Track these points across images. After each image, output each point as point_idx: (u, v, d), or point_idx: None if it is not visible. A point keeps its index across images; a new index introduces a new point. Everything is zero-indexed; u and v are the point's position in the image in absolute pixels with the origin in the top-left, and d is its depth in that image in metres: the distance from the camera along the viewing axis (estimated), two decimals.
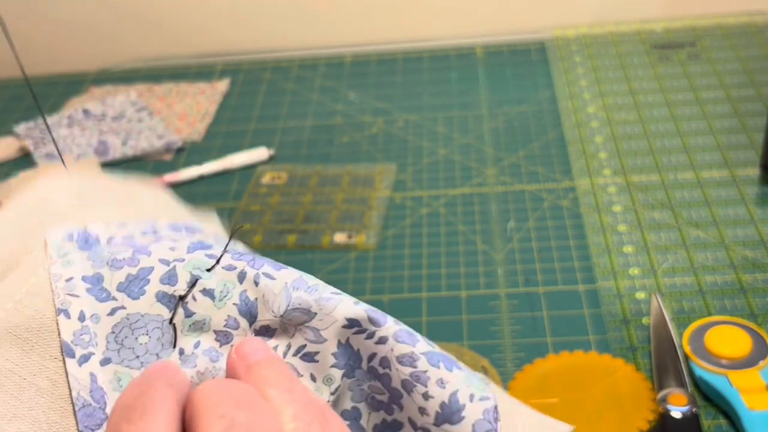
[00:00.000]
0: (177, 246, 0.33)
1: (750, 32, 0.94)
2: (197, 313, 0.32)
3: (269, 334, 0.33)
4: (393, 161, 0.80)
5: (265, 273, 0.33)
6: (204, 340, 0.32)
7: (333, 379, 0.33)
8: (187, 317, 0.32)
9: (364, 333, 0.33)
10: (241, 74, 0.99)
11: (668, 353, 0.55)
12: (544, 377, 0.55)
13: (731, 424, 0.52)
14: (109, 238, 0.33)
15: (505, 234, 0.70)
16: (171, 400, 0.27)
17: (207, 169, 0.82)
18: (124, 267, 0.32)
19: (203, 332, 0.32)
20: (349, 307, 0.32)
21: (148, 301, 0.31)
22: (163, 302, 0.32)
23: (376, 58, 0.99)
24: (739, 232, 0.66)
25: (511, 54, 0.97)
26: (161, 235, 0.34)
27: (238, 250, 0.34)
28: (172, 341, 0.31)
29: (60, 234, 0.33)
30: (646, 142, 0.78)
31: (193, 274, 0.32)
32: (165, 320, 0.32)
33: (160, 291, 0.32)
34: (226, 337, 0.32)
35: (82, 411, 0.29)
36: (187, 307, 0.32)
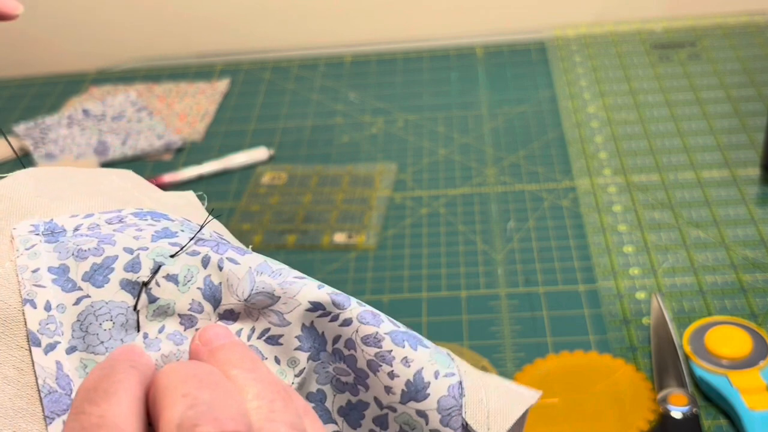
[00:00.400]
0: (141, 235, 0.34)
1: (750, 32, 0.94)
2: (161, 299, 0.32)
3: (233, 317, 0.33)
4: (393, 161, 0.80)
5: (229, 258, 0.33)
6: (168, 325, 0.33)
7: (298, 361, 0.33)
8: (151, 303, 0.32)
9: (328, 316, 0.33)
10: (241, 74, 0.99)
11: (668, 353, 0.55)
12: (544, 377, 0.55)
13: (731, 424, 0.52)
14: (75, 228, 0.33)
15: (505, 234, 0.70)
16: (134, 381, 0.28)
17: (207, 169, 0.81)
18: (89, 257, 0.32)
19: (167, 316, 0.33)
20: (312, 291, 0.33)
21: (112, 289, 0.32)
22: (127, 289, 0.32)
23: (376, 58, 0.99)
24: (740, 232, 0.66)
25: (511, 54, 0.97)
26: (127, 223, 0.34)
27: (204, 236, 0.34)
28: (135, 326, 0.32)
29: (26, 227, 0.33)
30: (646, 142, 0.78)
31: (156, 261, 0.33)
32: (129, 307, 0.32)
33: (124, 279, 0.32)
34: (191, 321, 0.33)
35: (48, 397, 0.30)
36: (151, 293, 0.32)
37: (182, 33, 1.05)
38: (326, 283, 0.34)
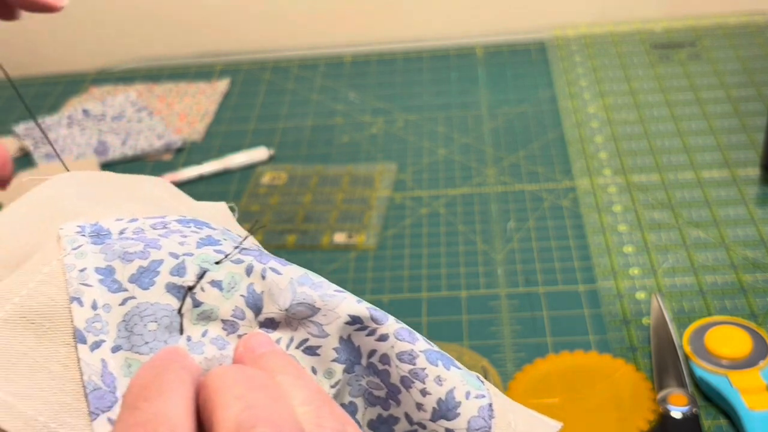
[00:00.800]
0: (186, 241, 0.34)
1: (750, 32, 0.94)
2: (205, 303, 0.33)
3: (273, 326, 0.34)
4: (393, 161, 0.80)
5: (271, 268, 0.34)
6: (211, 329, 0.33)
7: (333, 373, 0.34)
8: (195, 307, 0.33)
9: (365, 330, 0.34)
10: (241, 74, 0.99)
11: (668, 353, 0.55)
12: (544, 377, 0.55)
13: (731, 424, 0.52)
14: (120, 231, 0.34)
15: (505, 234, 0.70)
16: (186, 381, 0.28)
17: (207, 169, 0.82)
18: (135, 260, 0.33)
19: (210, 321, 0.33)
20: (352, 305, 0.33)
21: (157, 292, 0.33)
22: (173, 293, 0.33)
23: (376, 58, 0.99)
24: (740, 232, 0.66)
25: (511, 54, 0.97)
26: (171, 229, 0.35)
27: (246, 245, 0.35)
28: (179, 329, 0.32)
29: (73, 228, 0.34)
30: (646, 142, 0.78)
31: (202, 267, 0.33)
32: (174, 309, 0.33)
33: (170, 282, 0.33)
34: (233, 327, 0.33)
35: (93, 394, 0.30)
36: (196, 297, 0.33)
37: (182, 33, 1.05)
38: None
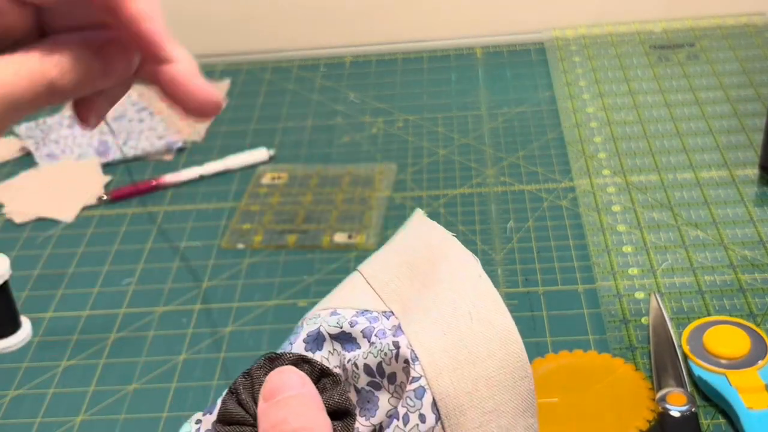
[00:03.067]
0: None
1: (749, 33, 0.94)
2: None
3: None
4: (393, 161, 0.81)
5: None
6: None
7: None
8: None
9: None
10: (241, 74, 0.99)
11: (667, 353, 0.55)
12: (543, 377, 0.55)
13: (730, 423, 0.52)
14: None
15: (504, 234, 0.70)
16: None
17: (207, 169, 0.82)
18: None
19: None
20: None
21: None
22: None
23: (376, 58, 0.99)
24: (738, 232, 0.67)
25: (510, 54, 0.97)
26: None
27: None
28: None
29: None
30: (645, 142, 0.78)
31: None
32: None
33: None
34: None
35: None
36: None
37: (182, 33, 1.05)
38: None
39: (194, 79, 0.33)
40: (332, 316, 0.36)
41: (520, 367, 0.34)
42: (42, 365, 0.63)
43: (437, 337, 0.34)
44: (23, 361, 0.64)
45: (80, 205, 0.79)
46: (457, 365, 0.33)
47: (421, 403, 0.33)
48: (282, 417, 0.31)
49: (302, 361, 0.34)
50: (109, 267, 0.72)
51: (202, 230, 0.75)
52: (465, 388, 0.33)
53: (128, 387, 0.61)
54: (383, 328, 0.35)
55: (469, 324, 0.34)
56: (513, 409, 0.33)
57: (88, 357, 0.64)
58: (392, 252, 0.39)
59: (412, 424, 0.33)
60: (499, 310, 0.35)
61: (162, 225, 0.76)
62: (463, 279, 0.36)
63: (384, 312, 0.36)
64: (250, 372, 0.34)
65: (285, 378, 0.33)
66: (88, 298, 0.69)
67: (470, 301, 0.35)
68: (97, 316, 0.67)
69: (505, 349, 0.34)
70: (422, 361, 0.33)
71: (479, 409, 0.33)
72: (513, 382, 0.33)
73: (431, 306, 0.35)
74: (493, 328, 0.34)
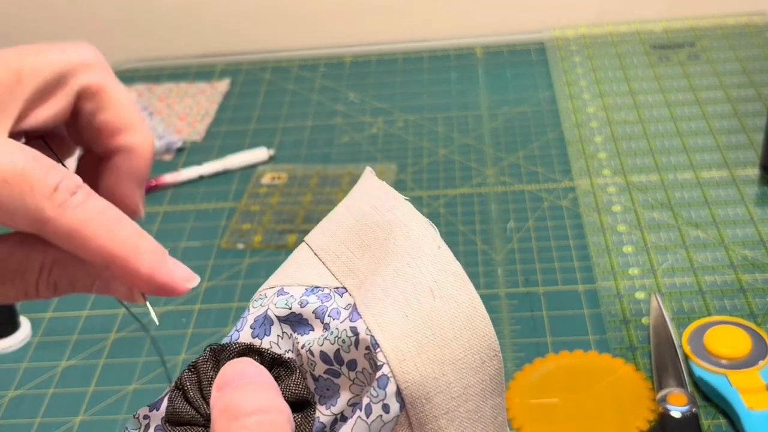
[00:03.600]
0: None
1: (749, 33, 0.94)
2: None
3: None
4: (393, 161, 0.80)
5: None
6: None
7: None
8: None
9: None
10: (241, 74, 0.99)
11: (668, 353, 0.55)
12: (544, 377, 0.55)
13: (731, 423, 0.52)
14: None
15: (504, 234, 0.70)
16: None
17: (207, 169, 0.82)
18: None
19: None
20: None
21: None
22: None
23: (376, 58, 0.99)
24: (739, 232, 0.66)
25: (511, 54, 0.97)
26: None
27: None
28: None
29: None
30: (645, 142, 0.78)
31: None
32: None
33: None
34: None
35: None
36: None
37: (182, 33, 1.05)
38: None
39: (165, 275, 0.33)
40: (280, 296, 0.34)
41: (488, 346, 0.31)
42: (41, 365, 0.63)
43: (399, 320, 0.31)
44: (23, 361, 0.64)
45: None
46: (422, 349, 0.31)
47: (384, 393, 0.30)
48: (236, 400, 0.29)
49: (250, 351, 0.32)
50: None
51: (201, 230, 0.75)
52: (431, 373, 0.30)
53: (128, 387, 0.61)
54: (337, 307, 0.33)
55: (431, 303, 0.31)
56: (481, 392, 0.31)
57: (88, 357, 0.63)
58: (341, 218, 0.36)
59: (375, 414, 0.31)
60: (463, 284, 0.32)
61: (162, 225, 0.76)
62: (422, 251, 0.33)
63: (336, 288, 0.34)
64: (196, 365, 0.32)
65: (239, 368, 0.31)
66: (87, 298, 0.69)
67: (431, 276, 0.32)
68: (97, 316, 0.67)
69: (472, 327, 0.31)
70: (384, 347, 0.31)
71: (446, 395, 0.31)
72: (481, 363, 0.31)
73: (390, 284, 0.32)
74: (458, 305, 0.32)
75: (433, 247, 0.33)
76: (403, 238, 0.34)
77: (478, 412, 0.31)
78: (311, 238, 0.37)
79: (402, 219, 0.34)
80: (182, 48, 1.05)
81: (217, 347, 0.32)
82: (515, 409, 0.53)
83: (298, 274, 0.35)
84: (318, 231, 0.37)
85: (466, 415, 0.31)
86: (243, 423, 0.28)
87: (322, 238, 0.36)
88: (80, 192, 0.30)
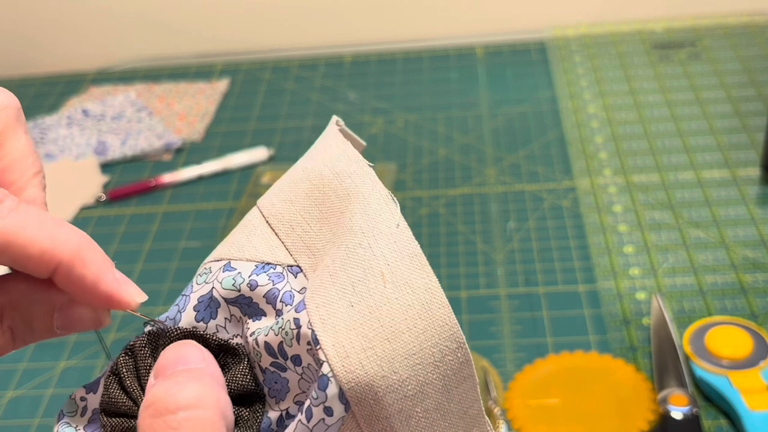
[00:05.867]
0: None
1: (750, 32, 0.94)
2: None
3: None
4: (393, 161, 0.80)
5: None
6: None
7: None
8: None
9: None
10: (241, 74, 0.99)
11: (669, 354, 0.55)
12: (544, 378, 0.55)
13: (732, 424, 0.52)
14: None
15: (505, 234, 0.70)
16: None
17: (207, 169, 0.81)
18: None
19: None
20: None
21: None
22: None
23: (376, 58, 0.99)
24: (740, 232, 0.66)
25: (511, 54, 0.96)
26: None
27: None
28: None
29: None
30: (646, 142, 0.78)
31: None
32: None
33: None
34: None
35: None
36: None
37: (182, 33, 1.05)
38: None
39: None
40: (226, 272, 0.30)
41: (448, 336, 0.27)
42: (41, 365, 0.63)
43: (343, 311, 0.27)
44: (22, 361, 0.64)
45: (78, 205, 0.79)
46: (368, 344, 0.27)
47: (324, 395, 0.27)
48: (164, 392, 0.26)
49: (192, 337, 0.29)
50: None
51: (201, 230, 0.75)
52: (379, 371, 0.26)
53: None
54: (290, 290, 0.29)
55: (381, 289, 0.27)
56: (443, 388, 0.27)
57: (87, 357, 0.63)
58: (298, 182, 0.32)
59: (317, 418, 0.27)
60: (420, 267, 0.28)
61: (161, 225, 0.76)
62: (378, 230, 0.29)
63: (290, 267, 0.30)
64: (133, 349, 0.30)
65: (179, 353, 0.28)
66: None
67: (384, 258, 0.28)
68: None
69: (428, 316, 0.27)
70: (324, 343, 0.27)
71: (398, 394, 0.27)
72: (441, 356, 0.27)
73: (339, 268, 0.28)
74: (412, 291, 0.27)
75: (390, 226, 0.29)
76: (360, 214, 0.29)
77: (440, 410, 0.27)
78: (264, 201, 0.32)
79: (361, 190, 0.30)
80: (182, 48, 1.05)
81: (155, 331, 0.30)
82: (516, 410, 0.53)
83: (248, 247, 0.31)
84: (272, 193, 0.32)
85: (424, 414, 0.27)
86: (167, 421, 0.25)
87: (276, 204, 0.32)
88: (8, 199, 0.28)
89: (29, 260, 0.28)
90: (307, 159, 0.33)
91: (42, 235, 0.27)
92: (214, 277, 0.30)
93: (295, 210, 0.31)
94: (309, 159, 0.33)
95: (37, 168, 0.31)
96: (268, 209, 0.31)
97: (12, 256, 0.27)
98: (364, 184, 0.30)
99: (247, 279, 0.29)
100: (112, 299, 0.29)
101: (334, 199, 0.30)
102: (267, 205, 0.32)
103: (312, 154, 0.33)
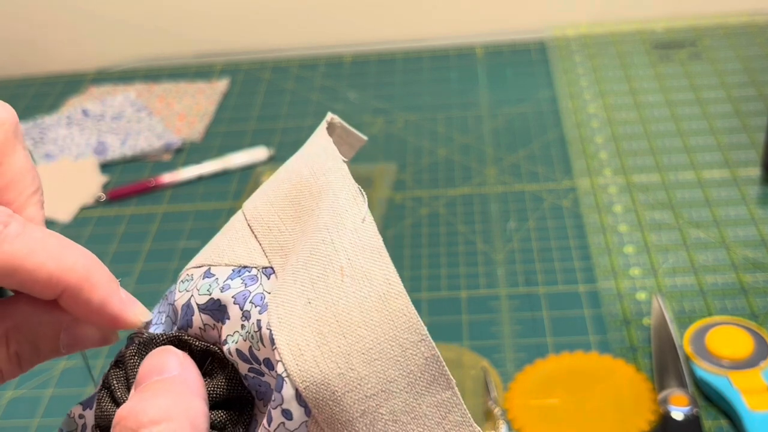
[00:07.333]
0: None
1: (751, 32, 0.94)
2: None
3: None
4: (393, 161, 0.80)
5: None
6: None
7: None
8: None
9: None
10: (241, 74, 0.99)
11: (669, 354, 0.55)
12: (544, 378, 0.55)
13: (732, 425, 0.52)
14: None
15: (505, 234, 0.70)
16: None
17: (206, 169, 0.81)
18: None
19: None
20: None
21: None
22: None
23: (376, 58, 0.99)
24: (740, 233, 0.66)
25: (511, 54, 0.96)
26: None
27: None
28: None
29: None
30: (646, 142, 0.78)
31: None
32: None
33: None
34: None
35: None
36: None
37: (182, 33, 1.05)
38: None
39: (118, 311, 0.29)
40: (205, 279, 0.29)
41: (406, 329, 0.26)
42: (40, 365, 0.63)
43: (300, 308, 0.26)
44: None
45: (78, 205, 0.79)
46: (323, 340, 0.25)
47: (281, 397, 0.25)
48: (135, 405, 0.26)
49: (179, 342, 0.29)
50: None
51: (201, 230, 0.74)
52: (334, 369, 0.25)
53: None
54: (261, 292, 0.28)
55: (339, 284, 0.26)
56: (409, 386, 0.26)
57: (86, 358, 0.63)
58: (280, 182, 0.31)
59: (276, 422, 0.26)
60: (379, 259, 0.26)
61: (161, 225, 0.76)
62: (343, 225, 0.27)
63: (265, 269, 0.29)
64: (123, 359, 0.29)
65: (159, 361, 0.28)
66: None
67: (345, 254, 0.27)
68: None
69: (385, 308, 0.26)
70: (278, 342, 0.26)
71: (358, 393, 0.25)
72: (402, 351, 0.26)
73: (301, 266, 0.27)
74: (369, 283, 0.26)
75: (356, 221, 0.27)
76: (328, 210, 0.28)
77: (411, 412, 0.26)
78: (249, 204, 0.31)
79: (333, 186, 0.29)
80: (182, 48, 1.05)
81: (144, 339, 0.29)
82: (516, 410, 0.53)
83: (228, 251, 0.30)
84: (256, 196, 0.31)
85: (391, 416, 0.26)
86: None
87: (259, 206, 0.31)
88: (14, 222, 0.27)
89: (36, 284, 0.27)
90: (293, 159, 0.32)
91: (50, 260, 0.27)
92: (194, 284, 0.30)
93: (273, 211, 0.30)
94: (294, 159, 0.32)
95: (36, 185, 0.30)
96: (251, 212, 0.31)
97: (19, 281, 0.27)
98: (336, 179, 0.29)
99: (222, 283, 0.29)
100: (118, 321, 0.29)
101: (308, 197, 0.30)
102: (251, 207, 0.31)
103: (298, 154, 0.32)
